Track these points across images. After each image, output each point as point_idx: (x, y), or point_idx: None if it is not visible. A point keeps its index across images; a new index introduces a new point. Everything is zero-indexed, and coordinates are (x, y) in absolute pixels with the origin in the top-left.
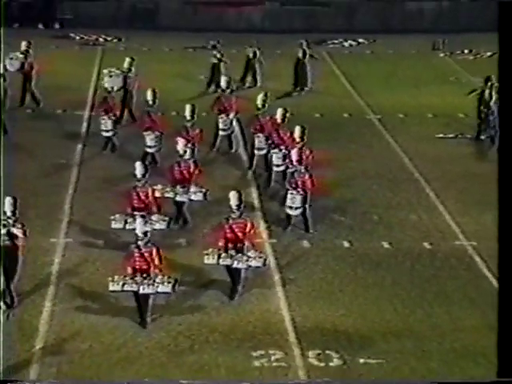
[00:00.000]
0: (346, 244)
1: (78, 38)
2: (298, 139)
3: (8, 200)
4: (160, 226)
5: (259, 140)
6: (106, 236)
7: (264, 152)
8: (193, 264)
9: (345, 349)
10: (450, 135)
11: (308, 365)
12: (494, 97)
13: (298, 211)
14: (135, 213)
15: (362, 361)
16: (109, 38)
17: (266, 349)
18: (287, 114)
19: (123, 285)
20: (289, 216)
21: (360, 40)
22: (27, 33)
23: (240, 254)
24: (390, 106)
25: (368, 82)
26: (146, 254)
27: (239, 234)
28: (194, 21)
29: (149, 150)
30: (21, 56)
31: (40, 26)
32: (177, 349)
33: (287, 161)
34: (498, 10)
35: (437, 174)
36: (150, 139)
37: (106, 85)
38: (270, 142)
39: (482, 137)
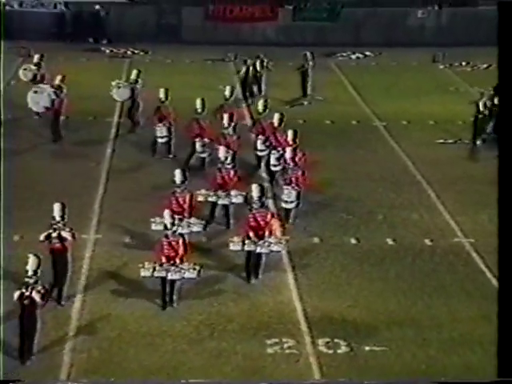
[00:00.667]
0: (353, 241)
1: (107, 51)
2: (291, 142)
3: (57, 205)
4: (197, 228)
5: (261, 142)
6: (132, 233)
7: (265, 153)
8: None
9: (352, 337)
10: (450, 141)
11: (318, 352)
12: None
13: (293, 205)
14: (174, 216)
15: (367, 348)
16: (136, 51)
17: (279, 337)
18: (284, 119)
19: (153, 271)
20: (286, 210)
21: (366, 53)
22: (62, 46)
23: (262, 241)
24: (394, 113)
25: (374, 92)
26: (174, 243)
27: (261, 223)
28: (214, 35)
29: (199, 155)
30: (34, 68)
31: (90, 40)
32: (198, 337)
33: (282, 161)
34: (497, 11)
35: (437, 177)
36: (199, 145)
37: (115, 96)
38: (267, 143)
39: (478, 142)
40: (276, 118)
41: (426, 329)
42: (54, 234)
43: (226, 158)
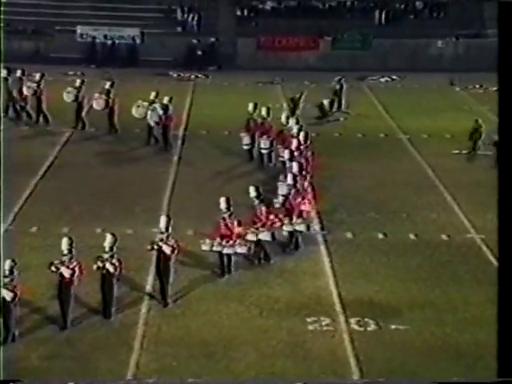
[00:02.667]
0: (381, 236)
1: (175, 75)
2: (302, 141)
3: (163, 218)
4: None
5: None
6: (194, 227)
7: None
8: None
9: (379, 317)
10: (464, 151)
11: (350, 329)
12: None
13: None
14: (256, 226)
15: (393, 327)
16: (199, 75)
17: (317, 316)
18: (302, 128)
19: (211, 246)
20: None
21: (393, 77)
22: (137, 71)
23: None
24: (416, 128)
25: (399, 110)
26: (230, 225)
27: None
28: (264, 62)
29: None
30: (75, 90)
31: (204, 67)
32: (249, 315)
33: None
34: (498, 10)
35: (452, 182)
36: (263, 143)
37: (134, 113)
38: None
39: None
40: (295, 128)
41: (442, 311)
42: (156, 246)
43: (300, 173)
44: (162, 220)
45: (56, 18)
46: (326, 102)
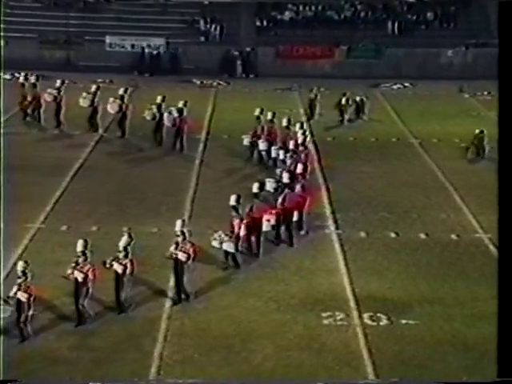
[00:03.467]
0: (393, 235)
1: (198, 82)
2: (300, 144)
3: (178, 222)
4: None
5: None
6: (215, 226)
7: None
8: None
9: (391, 312)
10: (470, 155)
11: (363, 324)
12: None
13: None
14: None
15: (403, 321)
16: (220, 83)
17: (332, 311)
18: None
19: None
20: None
21: (405, 84)
22: (164, 79)
23: None
24: (427, 133)
25: (411, 115)
26: (234, 223)
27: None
28: (283, 69)
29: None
30: (90, 96)
31: (243, 76)
32: (267, 310)
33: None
34: (498, 10)
35: (461, 184)
36: (262, 145)
37: (146, 116)
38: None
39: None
40: (299, 131)
41: (451, 306)
42: (172, 256)
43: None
44: (178, 223)
45: (85, 28)
46: (343, 100)
